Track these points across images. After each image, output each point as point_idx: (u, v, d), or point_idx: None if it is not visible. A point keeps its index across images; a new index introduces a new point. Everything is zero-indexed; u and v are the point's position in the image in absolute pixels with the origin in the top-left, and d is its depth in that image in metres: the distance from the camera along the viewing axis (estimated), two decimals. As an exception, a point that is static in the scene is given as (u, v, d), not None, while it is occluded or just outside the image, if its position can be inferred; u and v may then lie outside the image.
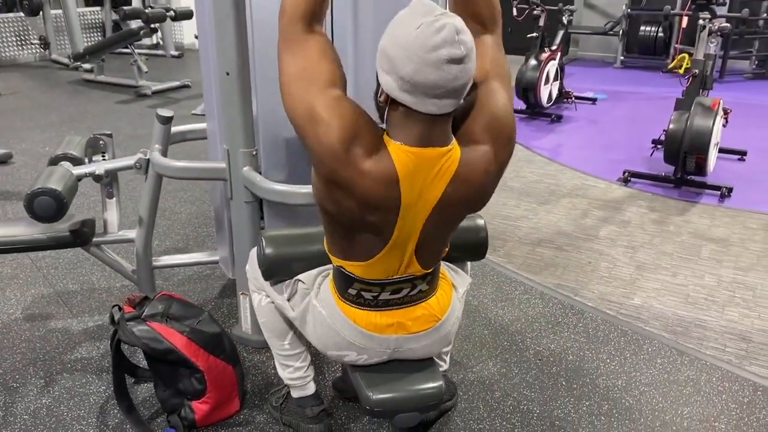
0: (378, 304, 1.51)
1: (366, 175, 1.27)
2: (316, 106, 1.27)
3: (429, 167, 1.30)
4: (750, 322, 2.68)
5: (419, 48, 1.18)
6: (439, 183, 1.32)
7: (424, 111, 1.24)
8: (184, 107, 6.20)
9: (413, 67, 1.19)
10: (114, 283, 2.88)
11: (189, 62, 8.79)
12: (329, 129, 1.25)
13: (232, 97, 2.11)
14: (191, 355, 1.95)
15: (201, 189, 3.94)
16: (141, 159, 2.41)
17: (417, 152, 1.28)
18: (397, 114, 1.28)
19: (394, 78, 1.23)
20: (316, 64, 1.32)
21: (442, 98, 1.23)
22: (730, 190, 4.02)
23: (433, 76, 1.19)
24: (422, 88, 1.21)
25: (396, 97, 1.25)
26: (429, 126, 1.27)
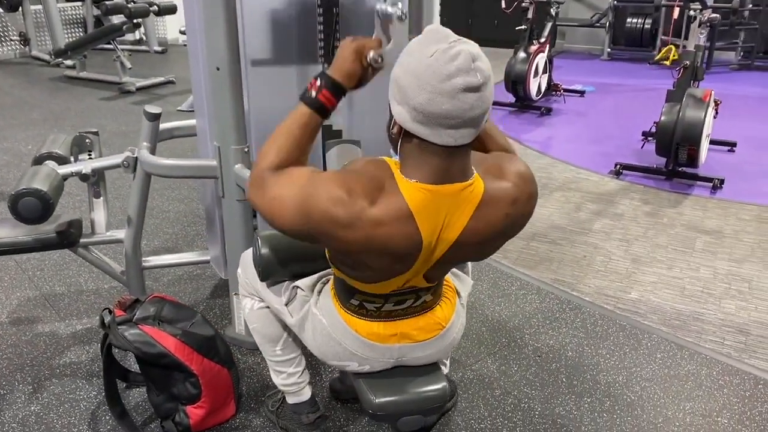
0: (381, 314, 1.47)
1: (381, 223, 1.19)
2: (301, 196, 1.21)
3: (448, 204, 1.23)
4: (747, 314, 2.66)
5: (432, 76, 1.12)
6: (461, 218, 1.25)
7: (440, 143, 1.17)
8: (169, 103, 6.11)
9: (426, 97, 1.13)
10: (102, 285, 2.81)
11: (173, 58, 8.67)
12: (323, 202, 1.18)
13: (222, 92, 2.05)
14: (185, 358, 1.90)
15: (189, 187, 3.87)
16: (129, 157, 2.35)
17: (434, 189, 1.21)
18: (411, 147, 1.21)
19: (407, 109, 1.16)
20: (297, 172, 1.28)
21: (459, 128, 1.16)
22: (721, 182, 4.02)
23: (447, 106, 1.12)
24: (436, 119, 1.14)
25: (409, 129, 1.18)
26: (446, 159, 1.20)
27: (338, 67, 1.33)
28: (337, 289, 1.50)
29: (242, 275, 1.83)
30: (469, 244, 1.29)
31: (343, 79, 1.32)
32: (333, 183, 1.20)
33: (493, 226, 1.28)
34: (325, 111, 1.33)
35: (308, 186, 1.21)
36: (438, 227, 1.24)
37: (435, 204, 1.22)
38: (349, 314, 1.49)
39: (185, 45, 8.53)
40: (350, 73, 1.32)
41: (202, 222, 3.45)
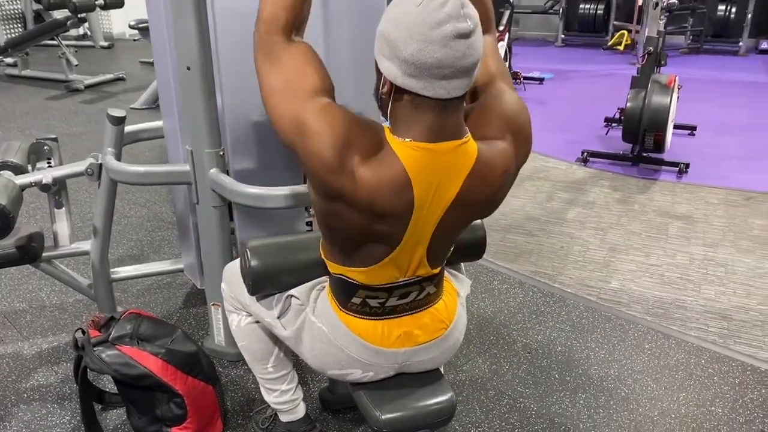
0: (385, 311, 1.39)
1: (366, 183, 1.14)
2: (303, 117, 1.15)
3: (443, 162, 1.18)
4: (727, 299, 2.69)
5: (422, 25, 1.08)
6: (456, 179, 1.20)
7: (432, 95, 1.12)
8: (121, 102, 5.88)
9: (417, 47, 1.08)
10: (66, 299, 2.65)
11: (120, 53, 8.37)
12: (319, 139, 1.13)
13: (194, 93, 1.93)
14: (168, 378, 1.79)
15: (151, 190, 3.71)
16: (93, 164, 2.20)
17: (429, 147, 1.16)
18: (403, 105, 1.16)
19: (397, 63, 1.12)
20: (300, 73, 1.20)
21: (451, 79, 1.11)
22: (687, 166, 4.07)
23: (438, 54, 1.08)
24: (428, 69, 1.09)
25: (401, 84, 1.13)
26: (440, 114, 1.15)
27: None
28: (336, 291, 1.42)
29: (227, 290, 1.72)
30: (470, 203, 1.25)
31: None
32: (332, 123, 1.14)
33: (491, 184, 1.25)
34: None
35: (306, 112, 1.15)
36: (433, 188, 1.19)
37: (431, 163, 1.17)
38: (351, 315, 1.41)
39: (135, 40, 8.30)
40: None
41: (168, 227, 3.31)
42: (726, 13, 8.01)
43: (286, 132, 1.18)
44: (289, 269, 1.54)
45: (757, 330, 2.48)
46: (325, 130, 1.13)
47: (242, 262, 1.56)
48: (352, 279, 1.36)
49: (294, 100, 1.17)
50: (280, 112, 1.19)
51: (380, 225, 1.21)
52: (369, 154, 1.15)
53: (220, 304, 2.21)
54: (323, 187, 1.17)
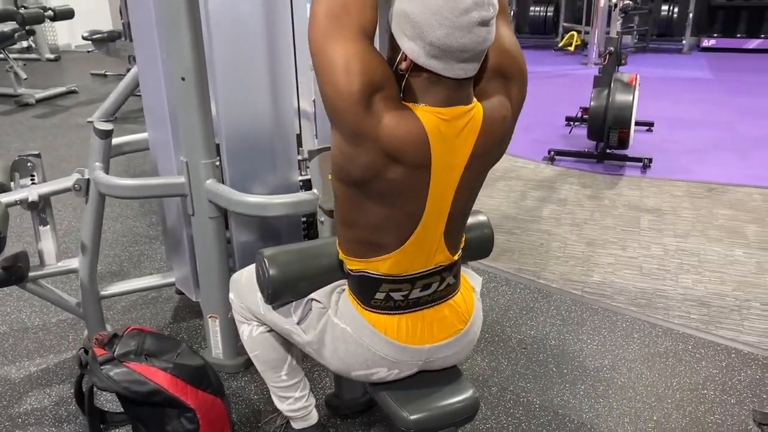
0: (408, 304, 1.42)
1: (391, 131, 1.19)
2: (341, 54, 1.17)
3: (457, 126, 1.25)
4: (704, 287, 2.80)
5: (450, 11, 1.13)
6: (468, 139, 1.27)
7: (452, 76, 1.20)
8: (76, 115, 5.74)
9: (444, 32, 1.14)
10: (49, 319, 2.57)
11: (69, 65, 8.15)
12: (351, 76, 1.16)
13: (189, 104, 1.91)
14: (179, 393, 1.76)
15: (122, 205, 3.63)
16: (80, 179, 2.15)
17: (443, 111, 1.22)
18: (420, 80, 1.22)
19: (421, 44, 1.17)
20: (356, 4, 1.20)
21: (469, 62, 1.20)
22: (650, 161, 4.21)
23: (464, 40, 1.15)
24: (452, 53, 1.17)
25: (423, 64, 1.19)
26: (455, 89, 1.23)
27: None
28: (358, 289, 1.43)
29: (236, 300, 1.71)
30: (481, 160, 1.32)
31: None
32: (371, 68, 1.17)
33: (497, 135, 1.31)
34: None
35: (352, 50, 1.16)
36: (447, 151, 1.25)
37: (445, 126, 1.23)
38: (375, 313, 1.42)
39: (89, 52, 8.07)
40: None
41: (145, 241, 3.25)
42: (669, 13, 8.32)
43: (320, 60, 1.19)
44: (307, 276, 1.54)
45: (735, 315, 2.59)
46: (359, 69, 1.16)
47: (259, 271, 1.55)
48: (375, 272, 1.38)
49: (341, 34, 1.17)
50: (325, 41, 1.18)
51: (400, 174, 1.23)
52: (393, 106, 1.20)
53: (218, 316, 2.18)
54: (346, 125, 1.20)
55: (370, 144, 1.20)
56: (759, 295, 2.73)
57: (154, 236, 3.29)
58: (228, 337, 2.21)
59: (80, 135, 5.12)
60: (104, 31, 6.29)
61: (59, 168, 4.34)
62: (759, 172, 4.16)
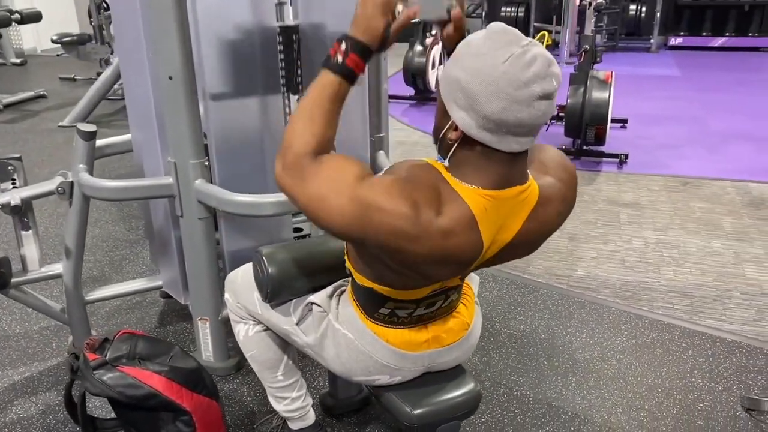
0: (412, 320, 1.41)
1: (450, 233, 1.12)
2: (365, 198, 1.09)
3: (508, 207, 1.18)
4: (685, 278, 2.85)
5: (508, 84, 1.04)
6: (517, 221, 1.21)
7: (506, 150, 1.12)
8: (46, 120, 5.62)
9: (501, 105, 1.06)
10: (30, 327, 2.51)
11: (35, 70, 7.98)
12: (390, 214, 1.09)
13: (177, 103, 1.88)
14: (175, 396, 1.73)
15: (100, 208, 3.56)
16: (64, 182, 2.10)
17: (495, 195, 1.15)
18: (470, 154, 1.15)
19: (473, 116, 1.09)
20: (340, 170, 1.14)
21: (526, 136, 1.11)
22: (626, 156, 4.28)
23: (522, 115, 1.06)
24: (508, 128, 1.08)
25: (474, 136, 1.11)
26: (508, 165, 1.15)
27: (362, 26, 1.16)
28: (362, 300, 1.42)
29: (232, 300, 1.69)
30: (522, 244, 1.26)
31: (369, 40, 1.17)
32: (394, 194, 1.10)
33: (546, 225, 1.26)
34: (353, 77, 1.19)
35: (363, 193, 1.10)
36: (495, 231, 1.19)
37: (496, 209, 1.17)
38: (378, 324, 1.41)
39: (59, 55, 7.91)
40: (375, 32, 1.16)
41: (125, 245, 3.19)
42: (637, 12, 8.47)
43: (349, 225, 1.11)
44: (306, 274, 1.54)
45: (717, 305, 2.64)
46: (391, 204, 1.09)
47: (257, 270, 1.54)
48: (382, 293, 1.35)
49: (345, 192, 1.11)
50: (335, 209, 1.11)
51: (453, 270, 1.23)
52: (437, 204, 1.13)
53: (208, 318, 2.16)
54: (402, 256, 1.15)
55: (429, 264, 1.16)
56: (738, 285, 2.79)
57: (134, 240, 3.24)
58: (218, 340, 2.19)
59: (52, 140, 5.01)
60: (74, 34, 6.17)
61: (32, 173, 4.22)
62: (730, 165, 4.26)
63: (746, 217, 3.45)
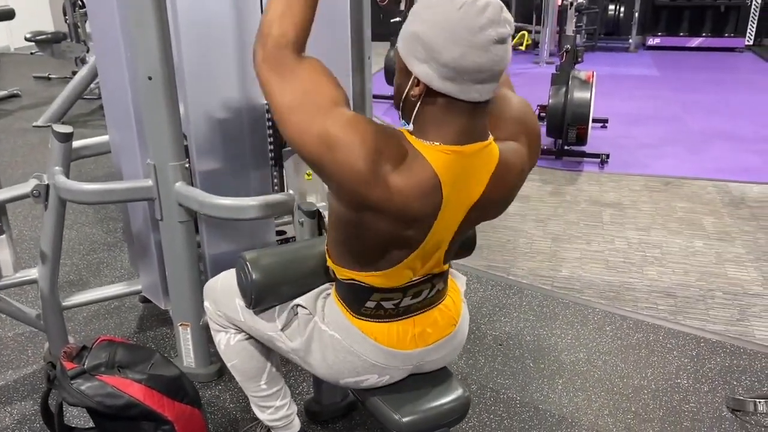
0: (399, 312, 1.39)
1: (401, 192, 1.13)
2: (329, 131, 1.10)
3: (470, 164, 1.19)
4: (668, 278, 2.86)
5: (465, 30, 1.07)
6: (481, 181, 1.22)
7: (467, 99, 1.13)
8: (20, 119, 5.50)
9: (460, 52, 1.08)
10: (5, 333, 2.45)
11: (8, 68, 7.83)
12: (350, 151, 1.09)
13: (156, 104, 1.84)
14: (155, 405, 1.68)
15: (76, 211, 3.48)
16: (39, 185, 2.04)
17: (459, 150, 1.16)
18: (434, 108, 1.15)
19: (434, 66, 1.10)
20: (316, 85, 1.15)
21: (485, 83, 1.13)
22: (607, 156, 4.29)
23: (481, 60, 1.08)
24: (468, 74, 1.10)
25: (437, 88, 1.12)
26: (470, 117, 1.16)
27: None
28: (347, 298, 1.39)
29: (212, 308, 1.65)
30: (490, 205, 1.28)
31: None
32: (359, 133, 1.10)
33: (510, 184, 1.28)
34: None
35: (329, 124, 1.11)
36: (459, 189, 1.20)
37: (459, 165, 1.17)
38: (365, 320, 1.39)
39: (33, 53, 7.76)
40: None
41: (103, 248, 3.13)
42: (616, 12, 8.53)
43: (310, 148, 1.12)
44: (291, 280, 1.50)
45: (700, 304, 2.65)
46: (355, 142, 1.09)
47: (240, 275, 1.50)
48: (366, 283, 1.34)
49: (317, 115, 1.12)
50: (303, 128, 1.12)
51: (407, 230, 1.21)
52: (398, 162, 1.13)
53: (189, 323, 2.11)
54: (355, 198, 1.14)
55: (382, 213, 1.15)
56: (721, 285, 2.81)
57: (113, 243, 3.17)
58: (200, 345, 2.14)
59: (25, 140, 4.91)
60: (48, 32, 6.05)
61: (5, 174, 4.15)
62: (710, 165, 4.30)
63: (727, 217, 3.48)
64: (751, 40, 8.78)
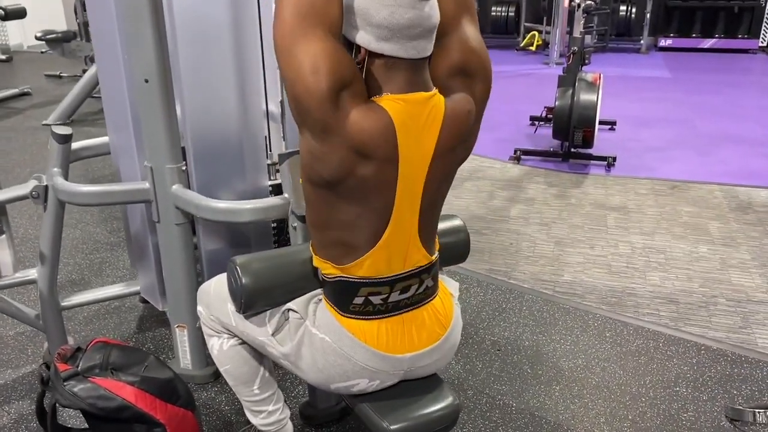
0: (388, 308, 1.38)
1: (356, 122, 1.19)
2: (312, 51, 1.16)
3: (419, 113, 1.25)
4: (671, 284, 2.83)
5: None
6: (432, 129, 1.27)
7: (405, 56, 1.22)
8: (30, 118, 5.55)
9: (388, 11, 1.18)
10: (6, 332, 2.47)
11: (21, 66, 7.90)
12: (319, 75, 1.15)
13: (153, 107, 1.85)
14: (147, 408, 1.69)
15: (81, 211, 3.50)
16: (38, 186, 2.05)
17: (406, 98, 1.23)
18: (377, 68, 1.23)
19: (369, 29, 1.20)
20: (325, 1, 1.19)
21: (420, 39, 1.22)
22: (614, 159, 4.26)
23: (409, 15, 1.18)
24: (401, 31, 1.19)
25: (375, 49, 1.21)
26: (412, 72, 1.24)
27: None
28: (335, 297, 1.39)
29: (205, 312, 1.65)
30: (449, 151, 1.31)
31: None
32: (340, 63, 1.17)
33: (462, 127, 1.31)
34: None
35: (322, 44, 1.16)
36: (414, 140, 1.25)
37: (409, 113, 1.23)
38: (354, 319, 1.38)
39: (42, 52, 7.83)
40: None
41: (106, 248, 3.15)
42: (627, 13, 8.47)
43: (286, 53, 1.18)
44: (281, 284, 1.49)
45: (702, 311, 2.62)
46: (326, 66, 1.15)
47: (231, 279, 1.50)
48: (354, 276, 1.34)
49: (309, 30, 1.17)
50: (292, 32, 1.17)
51: (369, 167, 1.23)
52: (360, 100, 1.20)
53: (185, 325, 2.12)
54: (315, 122, 1.19)
55: (339, 141, 1.19)
56: (724, 291, 2.78)
57: (116, 243, 3.19)
58: (196, 347, 2.15)
59: (35, 138, 4.95)
60: (59, 31, 6.09)
61: (13, 173, 4.19)
62: (718, 168, 4.25)
63: (733, 222, 3.44)
64: (765, 41, 8.69)
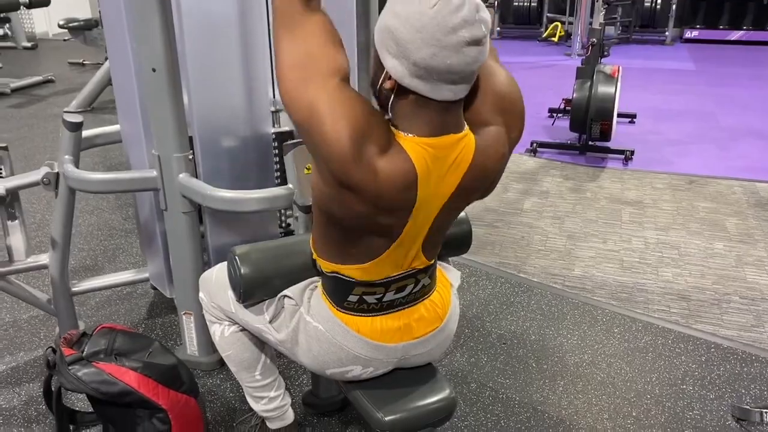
0: (383, 306, 1.38)
1: (381, 176, 1.12)
2: (321, 101, 1.10)
3: (445, 158, 1.18)
4: (684, 280, 2.80)
5: (436, 29, 1.05)
6: (456, 173, 1.20)
7: (438, 99, 1.12)
8: (53, 105, 5.62)
9: (429, 52, 1.06)
10: (20, 315, 2.51)
11: (45, 54, 7.99)
12: (338, 127, 1.09)
13: (160, 95, 1.86)
14: (150, 393, 1.71)
15: (98, 197, 3.55)
16: (49, 173, 2.09)
17: (433, 143, 1.16)
18: (406, 103, 1.15)
19: (405, 64, 1.10)
20: (320, 48, 1.15)
21: (458, 83, 1.12)
22: (632, 153, 4.21)
23: (451, 61, 1.07)
24: (438, 74, 1.09)
25: (407, 85, 1.12)
26: (443, 114, 1.15)
27: None
28: (331, 291, 1.40)
29: (206, 300, 1.67)
30: (468, 192, 1.26)
31: None
32: (357, 114, 1.10)
33: (490, 171, 1.26)
34: None
35: (333, 97, 1.10)
36: (434, 183, 1.19)
37: (433, 158, 1.16)
38: (348, 314, 1.39)
39: (65, 40, 7.92)
40: None
41: (121, 235, 3.19)
42: (652, 4, 8.33)
43: (300, 112, 1.13)
44: (280, 274, 1.51)
45: (714, 309, 2.59)
46: (345, 119, 1.09)
47: (230, 269, 1.51)
48: (348, 276, 1.34)
49: (313, 80, 1.12)
50: (299, 92, 1.13)
51: (384, 219, 1.21)
52: (384, 147, 1.13)
53: (192, 312, 2.14)
54: (336, 175, 1.13)
55: (360, 195, 1.14)
56: (738, 289, 2.73)
57: (130, 229, 3.23)
58: (203, 334, 2.17)
59: (57, 125, 5.01)
60: (81, 19, 6.15)
61: (34, 159, 4.26)
62: (739, 163, 4.17)
63: (751, 218, 3.38)
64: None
